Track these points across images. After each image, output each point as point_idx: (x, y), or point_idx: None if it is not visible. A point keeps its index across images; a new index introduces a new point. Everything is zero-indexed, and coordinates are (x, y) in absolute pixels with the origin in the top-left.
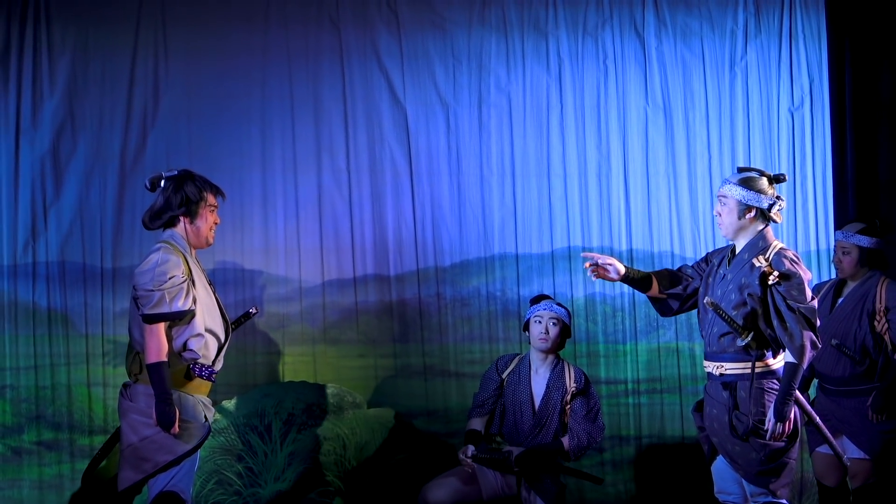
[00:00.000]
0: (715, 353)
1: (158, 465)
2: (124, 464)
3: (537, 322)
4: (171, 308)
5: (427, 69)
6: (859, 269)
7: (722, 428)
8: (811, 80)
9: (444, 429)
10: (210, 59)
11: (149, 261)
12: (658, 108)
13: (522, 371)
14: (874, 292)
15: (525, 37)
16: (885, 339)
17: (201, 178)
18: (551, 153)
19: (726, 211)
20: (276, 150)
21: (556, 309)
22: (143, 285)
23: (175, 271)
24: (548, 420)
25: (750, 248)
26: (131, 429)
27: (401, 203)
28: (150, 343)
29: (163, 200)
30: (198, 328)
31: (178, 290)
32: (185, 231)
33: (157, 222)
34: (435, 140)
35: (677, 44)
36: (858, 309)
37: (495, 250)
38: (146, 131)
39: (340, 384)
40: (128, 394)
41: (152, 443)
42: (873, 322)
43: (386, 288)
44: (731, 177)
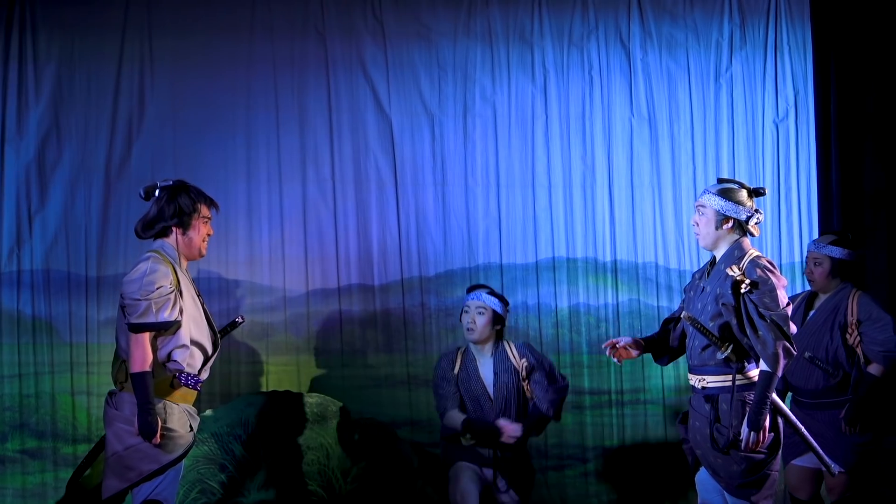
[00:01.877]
0: (697, 366)
1: (143, 475)
2: (109, 472)
3: (465, 313)
4: (157, 318)
5: (412, 79)
6: (831, 280)
7: (704, 440)
8: (796, 91)
9: (427, 438)
10: (195, 68)
11: (137, 270)
12: (643, 120)
13: (469, 365)
14: (846, 304)
15: (510, 47)
16: (858, 351)
17: (196, 189)
18: (536, 164)
19: (704, 221)
20: (261, 159)
21: (484, 298)
22: (131, 294)
23: (163, 281)
24: (506, 404)
25: (726, 259)
26: (116, 437)
27: (385, 213)
28: (134, 352)
29: (156, 210)
30: (183, 339)
31: (164, 300)
32: (177, 242)
33: (149, 232)
34: (420, 150)
35: (662, 55)
36: (830, 321)
37: (480, 260)
38: (131, 140)
39: (324, 393)
40: (113, 402)
41: (137, 451)
42: (845, 335)
43: (370, 298)
44: (710, 187)
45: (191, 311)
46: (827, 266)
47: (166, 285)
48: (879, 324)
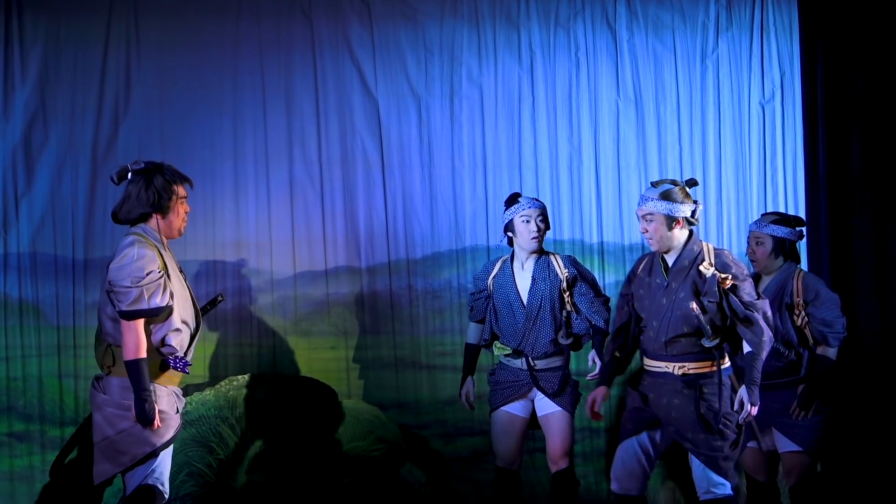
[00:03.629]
0: (675, 354)
1: (136, 458)
2: (100, 457)
3: (525, 221)
4: (150, 305)
5: (399, 61)
6: (773, 260)
7: (685, 417)
8: (782, 73)
9: (415, 420)
10: (182, 50)
11: (124, 255)
12: (629, 101)
13: (506, 271)
14: (791, 286)
15: (497, 29)
16: (806, 332)
17: (169, 168)
18: (523, 145)
19: (654, 227)
20: (248, 141)
21: (539, 204)
22: (120, 281)
23: (151, 266)
24: (539, 312)
25: (688, 256)
26: (107, 422)
27: (372, 195)
28: (128, 339)
29: (133, 197)
30: (175, 323)
31: (155, 286)
32: (157, 225)
33: (125, 214)
34: (406, 132)
35: (649, 36)
36: (777, 303)
37: (466, 242)
38: (118, 122)
39: (311, 376)
40: (101, 386)
41: (129, 436)
42: (793, 316)
43: (357, 280)
44: (648, 193)
45: (178, 291)
46: (769, 246)
47: (155, 270)
48: (826, 305)
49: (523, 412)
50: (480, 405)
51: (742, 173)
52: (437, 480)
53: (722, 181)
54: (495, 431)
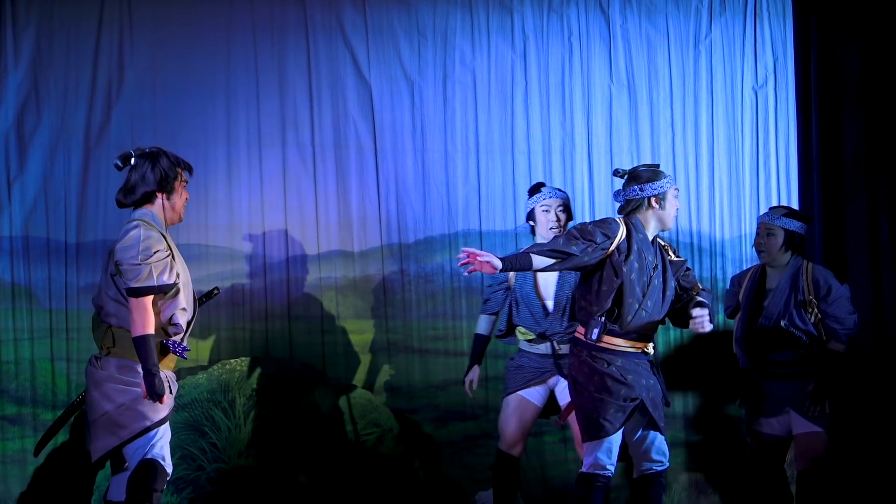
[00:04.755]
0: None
1: (134, 432)
2: (98, 433)
3: (545, 211)
4: (158, 281)
5: (392, 44)
6: (782, 254)
7: (657, 394)
8: (775, 58)
9: (407, 405)
10: (175, 32)
11: (131, 236)
12: (622, 86)
13: None
14: (802, 281)
15: (490, 13)
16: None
17: (172, 154)
18: (515, 130)
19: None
20: (241, 124)
21: (562, 195)
22: (129, 259)
23: (158, 246)
24: (567, 303)
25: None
26: (105, 397)
27: (365, 179)
28: (136, 317)
29: (138, 177)
30: (182, 302)
31: (163, 264)
32: (162, 207)
33: (131, 198)
34: (399, 116)
35: (642, 21)
36: (791, 300)
37: (459, 227)
38: (111, 105)
39: (304, 360)
40: (99, 364)
41: (128, 409)
42: (807, 312)
43: (350, 264)
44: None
45: (182, 274)
46: (780, 238)
47: (162, 249)
48: (837, 302)
49: (538, 400)
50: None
51: (735, 158)
52: (428, 464)
53: (714, 166)
54: (506, 413)
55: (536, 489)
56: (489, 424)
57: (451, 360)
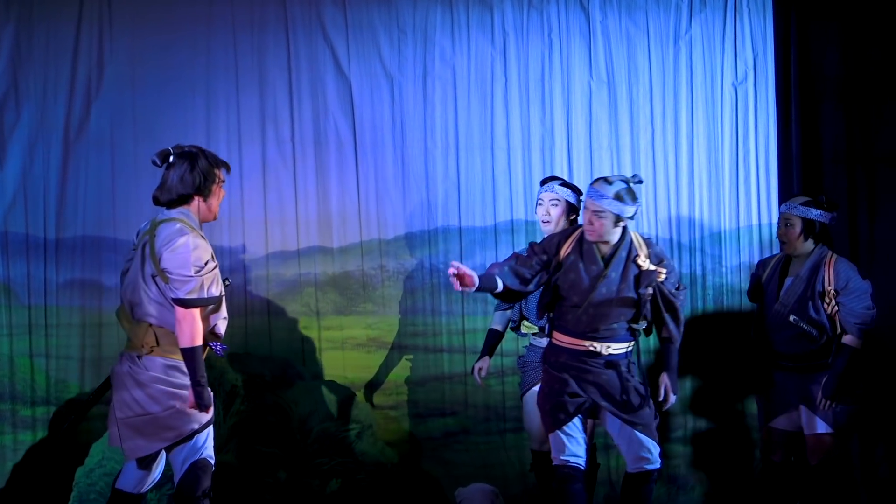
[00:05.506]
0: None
1: (182, 435)
2: (133, 433)
3: (539, 204)
4: (208, 294)
5: (372, 41)
6: (802, 243)
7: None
8: (755, 54)
9: (386, 401)
10: (155, 29)
11: (179, 243)
12: (602, 82)
13: None
14: (823, 272)
15: (470, 9)
16: (836, 319)
17: (210, 153)
18: (495, 126)
19: (600, 224)
20: (221, 121)
21: (557, 189)
22: (180, 269)
23: (207, 256)
24: None
25: (624, 247)
26: (152, 399)
27: (345, 175)
28: (185, 327)
29: (177, 178)
30: (224, 311)
31: (212, 276)
32: (198, 208)
33: (167, 196)
34: (379, 112)
35: (622, 17)
36: (810, 289)
37: (439, 223)
38: (90, 101)
39: (284, 356)
40: (143, 364)
41: (177, 412)
42: (824, 302)
43: (329, 260)
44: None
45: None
46: (798, 227)
47: (211, 260)
48: (856, 295)
49: None
50: (453, 386)
51: (714, 155)
52: (408, 461)
53: (694, 162)
54: (527, 412)
55: (516, 485)
56: (468, 421)
57: (431, 356)
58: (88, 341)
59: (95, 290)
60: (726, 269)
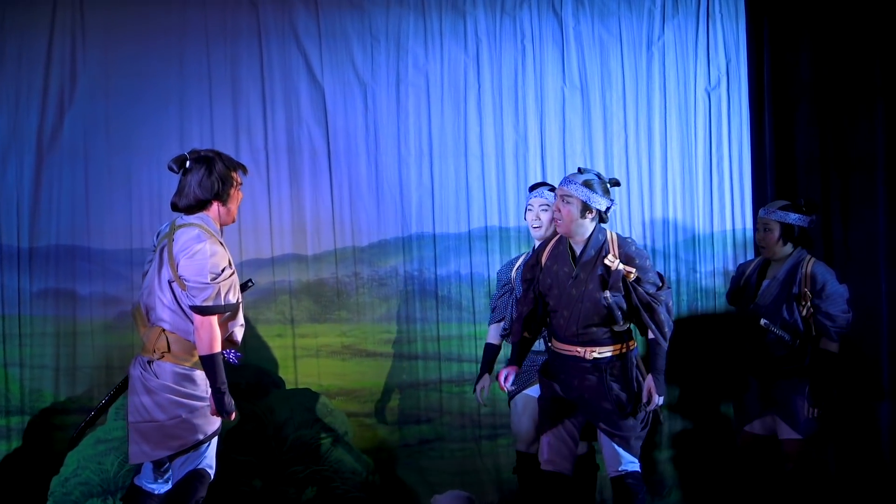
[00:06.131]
0: (585, 340)
1: (186, 445)
2: (139, 438)
3: (529, 210)
4: (225, 301)
5: (345, 48)
6: (781, 247)
7: (597, 400)
8: (728, 59)
9: (361, 408)
10: (128, 38)
11: (196, 251)
12: (575, 88)
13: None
14: (800, 274)
15: (443, 16)
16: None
17: (227, 157)
18: (469, 133)
19: (567, 210)
20: (194, 129)
21: (546, 195)
22: (197, 276)
23: (224, 263)
24: None
25: (594, 245)
26: (159, 407)
27: (318, 183)
28: (202, 335)
29: (195, 183)
30: (241, 318)
31: (229, 283)
32: (218, 213)
33: (185, 201)
34: (353, 119)
35: (595, 23)
36: (786, 292)
37: (413, 230)
38: (63, 110)
39: (258, 364)
40: (153, 370)
41: (183, 422)
42: (799, 305)
43: (303, 267)
44: (572, 177)
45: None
46: (777, 232)
47: (228, 267)
48: (831, 298)
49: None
50: (428, 393)
51: (688, 160)
52: (384, 468)
53: (668, 168)
54: (516, 414)
55: (491, 492)
56: (443, 427)
57: (406, 363)
58: (63, 350)
59: (69, 299)
60: (700, 274)
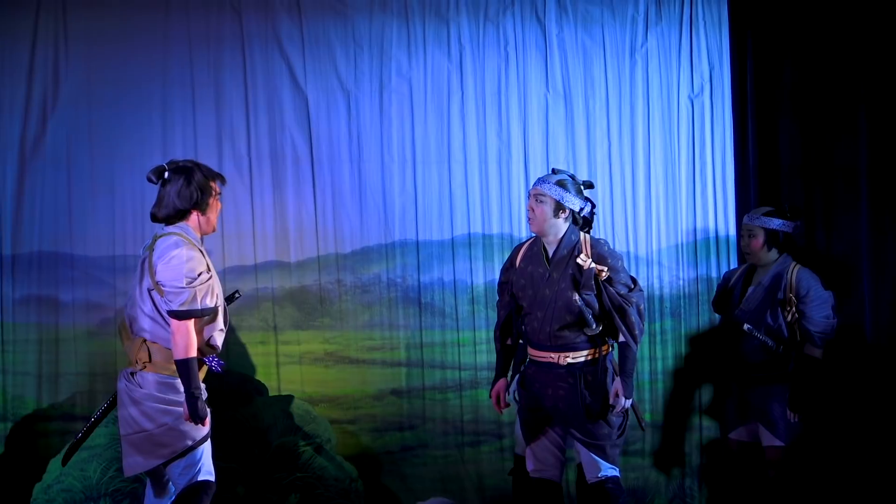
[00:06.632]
0: (558, 345)
1: (176, 452)
2: (132, 450)
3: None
4: (202, 305)
5: (328, 55)
6: (766, 253)
7: (572, 409)
8: (711, 67)
9: (344, 415)
10: (110, 44)
11: (173, 257)
12: (558, 95)
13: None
14: (785, 280)
15: (426, 23)
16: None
17: (205, 166)
18: (452, 140)
19: (541, 209)
20: (177, 136)
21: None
22: (173, 281)
23: (201, 268)
24: None
25: (566, 245)
26: (146, 416)
27: (301, 189)
28: (178, 339)
29: (174, 194)
30: (220, 323)
31: (206, 287)
32: (197, 222)
33: (164, 212)
34: (336, 126)
35: (578, 31)
36: (771, 297)
37: (396, 237)
38: (46, 117)
39: (241, 371)
40: (136, 381)
41: (170, 430)
42: (784, 311)
43: (286, 274)
44: (546, 176)
45: (217, 290)
46: (761, 238)
47: (205, 272)
48: (815, 304)
49: None
50: (411, 400)
51: (671, 168)
52: (367, 475)
53: (651, 176)
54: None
55: (474, 498)
56: (426, 434)
57: (388, 370)
58: (45, 357)
59: (52, 306)
60: (683, 281)
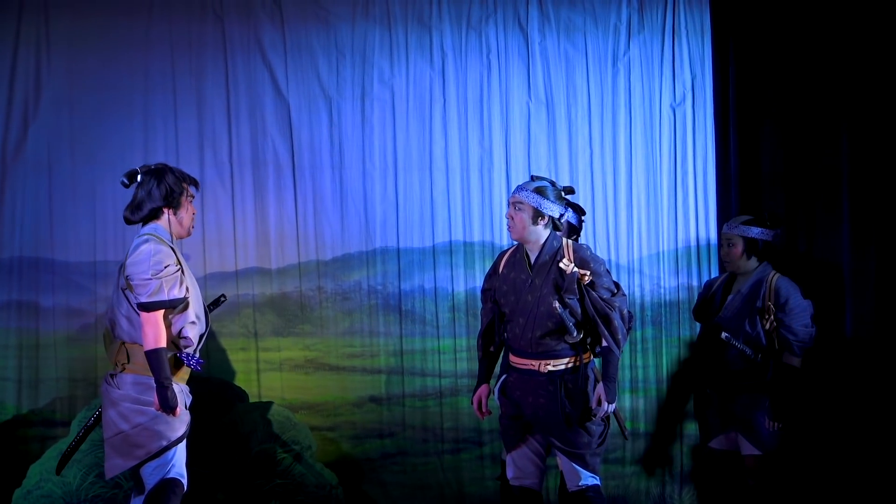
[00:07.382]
0: (539, 352)
1: (150, 452)
2: (112, 452)
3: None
4: (169, 296)
5: (310, 62)
6: (745, 261)
7: (551, 417)
8: (693, 75)
9: (324, 422)
10: (93, 50)
11: (141, 251)
12: (540, 103)
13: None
14: (764, 288)
15: (409, 30)
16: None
17: (178, 169)
18: (434, 147)
19: (520, 217)
20: (159, 142)
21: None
22: (140, 274)
23: (168, 260)
24: None
25: (548, 251)
26: (122, 417)
27: (283, 196)
28: (147, 331)
29: (145, 193)
30: (191, 316)
31: (173, 278)
32: (169, 222)
33: (138, 215)
34: (318, 133)
35: (560, 39)
36: (750, 306)
37: (377, 244)
38: (27, 123)
39: (222, 377)
40: (115, 383)
41: (145, 430)
42: (763, 319)
43: (267, 281)
44: (525, 184)
45: (191, 288)
46: (740, 246)
47: (172, 264)
48: (794, 313)
49: None
50: (391, 407)
51: (653, 176)
52: (347, 482)
53: (633, 184)
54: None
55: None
56: (406, 442)
57: (369, 377)
58: (25, 363)
59: (32, 311)
60: (665, 289)
